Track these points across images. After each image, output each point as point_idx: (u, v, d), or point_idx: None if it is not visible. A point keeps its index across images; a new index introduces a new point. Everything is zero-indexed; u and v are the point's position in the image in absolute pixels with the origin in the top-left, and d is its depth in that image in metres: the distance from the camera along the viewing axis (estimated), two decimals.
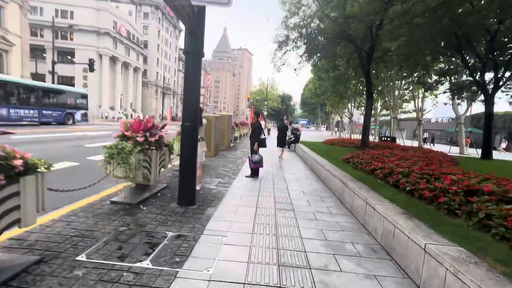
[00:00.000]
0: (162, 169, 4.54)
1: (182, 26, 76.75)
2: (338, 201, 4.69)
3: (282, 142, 10.12)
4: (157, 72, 68.13)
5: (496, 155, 17.94)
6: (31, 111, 17.16)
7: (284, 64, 12.37)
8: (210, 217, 3.53)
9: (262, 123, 20.07)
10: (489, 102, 10.12)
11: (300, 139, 13.85)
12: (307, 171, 7.85)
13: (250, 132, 6.64)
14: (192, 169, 3.89)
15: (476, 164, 8.01)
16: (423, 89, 23.49)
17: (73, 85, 44.35)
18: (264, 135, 6.47)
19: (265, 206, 4.14)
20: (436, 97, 24.98)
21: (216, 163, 8.05)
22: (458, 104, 18.22)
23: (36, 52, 41.48)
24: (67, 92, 20.91)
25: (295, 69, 12.03)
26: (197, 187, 4.63)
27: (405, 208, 3.13)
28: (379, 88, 23.01)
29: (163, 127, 4.38)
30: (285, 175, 6.89)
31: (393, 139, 15.50)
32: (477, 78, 10.33)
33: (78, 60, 43.75)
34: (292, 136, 13.41)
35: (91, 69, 26.06)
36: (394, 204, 3.25)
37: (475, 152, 19.23)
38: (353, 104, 34.66)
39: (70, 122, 20.76)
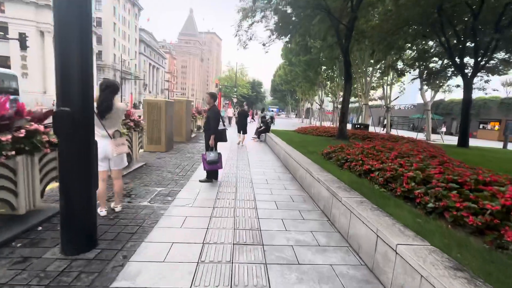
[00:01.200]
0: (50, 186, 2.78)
1: (141, 3, 69.79)
2: (325, 219, 3.36)
3: (242, 128, 10.12)
4: (115, 54, 61.57)
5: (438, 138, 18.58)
6: None
7: (251, 38, 10.64)
8: (114, 279, 1.93)
9: (230, 110, 18.29)
10: (468, 87, 9.64)
11: (271, 127, 12.50)
12: (280, 167, 6.48)
13: (204, 122, 4.98)
14: (85, 189, 2.20)
15: (467, 155, 7.32)
16: (392, 75, 23.55)
17: (8, 67, 37.77)
18: (224, 125, 4.91)
19: (218, 241, 2.63)
20: (404, 84, 25.33)
21: (164, 161, 6.29)
22: (426, 91, 18.25)
23: None
24: None
25: (264, 44, 10.44)
26: (101, 212, 2.95)
27: (447, 249, 1.84)
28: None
29: (44, 116, 2.59)
30: (253, 176, 5.43)
31: (366, 127, 14.93)
32: (456, 61, 9.72)
33: (13, 37, 37.06)
34: (262, 125, 11.97)
35: (23, 46, 21.63)
36: (426, 243, 1.95)
37: (440, 139, 19.72)
38: (323, 91, 34.21)
39: None
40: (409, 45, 12.03)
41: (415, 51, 12.58)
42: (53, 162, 3.02)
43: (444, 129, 29.82)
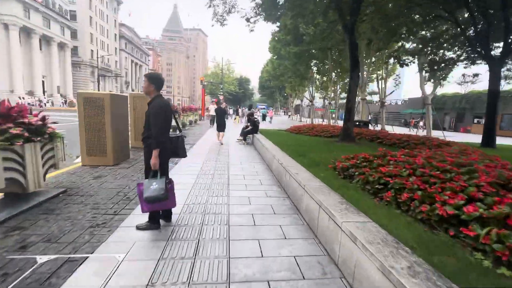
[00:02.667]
0: None
1: None
2: None
3: (220, 126, 9.44)
4: (92, 50, 57.76)
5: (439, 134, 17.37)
6: None
7: (230, 11, 8.53)
8: None
9: (213, 108, 16.15)
10: (495, 76, 8.03)
11: (260, 126, 10.59)
12: (272, 186, 4.57)
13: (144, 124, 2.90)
14: None
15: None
16: (387, 68, 22.14)
17: None
18: (180, 128, 2.97)
19: None
20: (399, 78, 24.01)
21: (101, 183, 4.22)
22: (426, 83, 16.88)
23: None
24: None
25: (248, 20, 8.38)
26: None
27: None
28: (344, 65, 20.86)
29: None
30: (232, 208, 3.48)
31: (366, 124, 13.32)
32: (475, 45, 8.11)
33: None
34: (249, 124, 10.04)
35: None
36: None
37: (442, 135, 18.41)
38: (314, 87, 32.57)
39: None
40: (416, 29, 10.40)
41: (426, 35, 10.95)
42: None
43: (422, 123, 29.18)
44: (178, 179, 4.47)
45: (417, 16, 8.69)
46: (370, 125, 17.85)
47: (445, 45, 10.23)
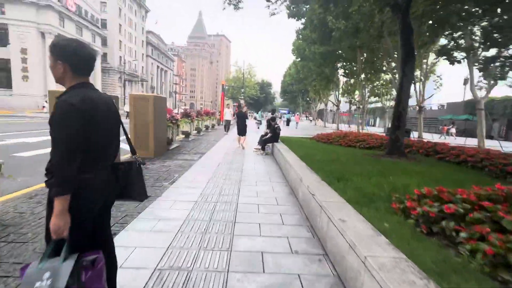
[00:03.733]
0: None
1: (148, 5, 68.74)
2: None
3: (241, 130, 9.54)
4: (120, 57, 60.15)
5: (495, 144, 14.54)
6: None
7: None
8: None
9: (228, 111, 14.95)
10: None
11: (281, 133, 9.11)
12: (299, 228, 3.06)
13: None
14: None
15: None
16: (426, 67, 19.64)
17: (8, 70, 36.35)
18: (133, 150, 1.65)
19: None
20: (441, 79, 21.32)
21: None
22: (478, 87, 14.38)
23: None
24: None
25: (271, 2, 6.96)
26: None
27: None
28: (376, 66, 18.79)
29: None
30: (234, 283, 2.06)
31: (408, 132, 11.31)
32: None
33: (13, 39, 35.68)
34: (268, 131, 8.63)
35: (4, 43, 19.40)
36: None
37: (499, 146, 15.61)
38: (339, 90, 30.39)
39: None
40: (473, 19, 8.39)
41: (486, 26, 8.87)
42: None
43: (453, 130, 25.95)
44: (163, 213, 3.15)
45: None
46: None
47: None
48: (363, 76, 22.78)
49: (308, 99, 53.06)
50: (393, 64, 17.35)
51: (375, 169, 4.34)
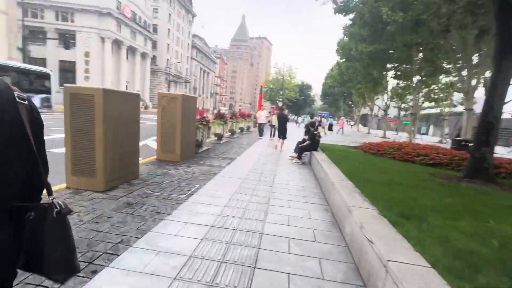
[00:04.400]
0: None
1: (195, 10, 72.09)
2: None
3: (282, 133, 9.65)
4: (167, 59, 64.07)
5: None
6: None
7: None
8: None
9: (263, 113, 13.99)
10: None
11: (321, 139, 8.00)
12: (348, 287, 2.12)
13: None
14: None
15: None
16: None
17: (74, 71, 41.02)
18: (50, 190, 0.93)
19: None
20: None
21: None
22: None
23: (38, 35, 37.97)
24: (18, 70, 16.16)
25: None
26: None
27: None
28: (439, 65, 16.25)
29: None
30: None
31: (466, 145, 9.23)
32: None
33: (79, 44, 40.21)
34: (306, 138, 7.62)
35: (67, 46, 21.60)
36: None
37: None
38: (388, 94, 27.50)
39: None
40: None
41: None
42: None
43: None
44: (165, 242, 2.46)
45: None
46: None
47: None
48: (417, 78, 20.09)
49: (350, 102, 49.86)
50: (459, 64, 14.75)
51: (457, 202, 3.10)
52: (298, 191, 4.69)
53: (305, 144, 7.41)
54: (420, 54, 17.32)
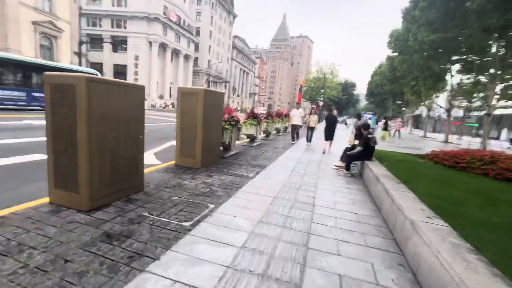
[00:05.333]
0: None
1: (236, 11, 73.13)
2: None
3: (329, 135, 9.00)
4: (209, 60, 65.84)
5: None
6: (16, 93, 13.95)
7: None
8: None
9: (297, 113, 11.83)
10: None
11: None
12: None
13: None
14: None
15: None
16: None
17: (125, 74, 44.40)
18: None
19: None
20: None
21: None
22: None
23: (95, 42, 41.92)
24: (68, 71, 17.42)
25: None
26: None
27: None
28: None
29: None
30: None
31: None
32: None
33: (130, 48, 43.29)
34: (356, 143, 6.06)
35: (115, 48, 22.90)
36: None
37: None
38: (452, 92, 23.41)
39: None
40: None
41: None
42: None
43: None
44: None
45: None
46: None
47: None
48: (492, 71, 16.39)
49: (400, 102, 44.77)
50: None
51: None
52: (350, 222, 3.29)
53: (355, 151, 5.86)
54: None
